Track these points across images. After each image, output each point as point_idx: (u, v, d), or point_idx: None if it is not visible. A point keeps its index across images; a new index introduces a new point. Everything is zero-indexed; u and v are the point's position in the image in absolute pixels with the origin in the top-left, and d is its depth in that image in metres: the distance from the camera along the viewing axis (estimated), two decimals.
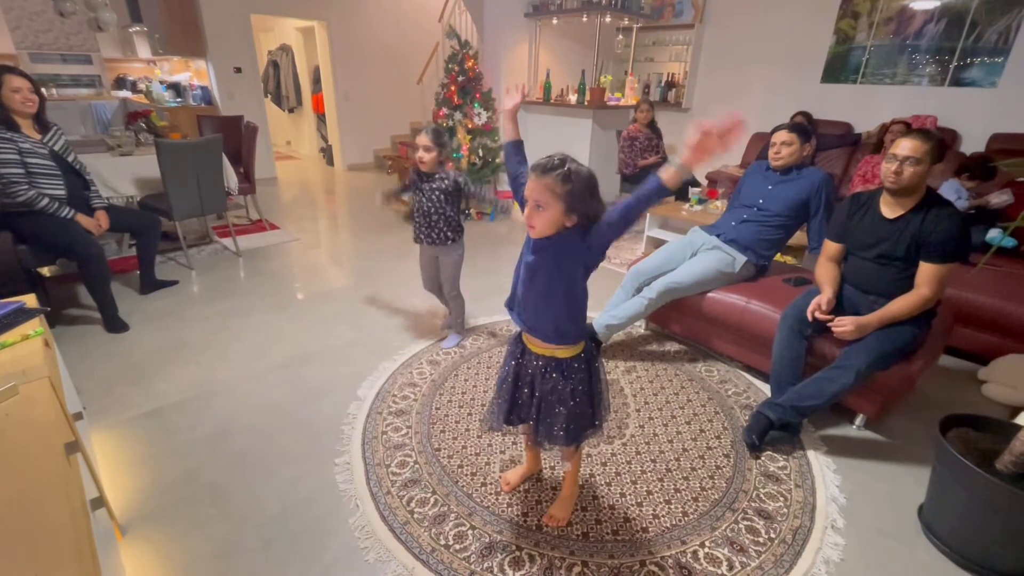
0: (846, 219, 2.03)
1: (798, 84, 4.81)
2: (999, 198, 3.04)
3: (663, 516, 1.63)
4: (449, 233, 2.31)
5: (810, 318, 1.96)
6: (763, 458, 1.90)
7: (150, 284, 3.08)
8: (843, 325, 1.89)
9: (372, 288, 3.27)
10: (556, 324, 1.31)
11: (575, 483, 1.63)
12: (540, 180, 1.14)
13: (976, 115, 3.92)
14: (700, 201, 3.75)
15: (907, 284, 1.86)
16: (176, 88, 6.18)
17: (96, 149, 3.56)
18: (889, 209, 1.89)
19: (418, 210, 2.29)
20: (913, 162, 1.75)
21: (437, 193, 2.22)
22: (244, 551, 1.47)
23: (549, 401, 1.36)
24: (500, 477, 1.75)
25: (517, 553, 1.48)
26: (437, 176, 2.21)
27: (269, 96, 7.68)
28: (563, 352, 1.33)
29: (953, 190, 3.05)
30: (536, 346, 1.36)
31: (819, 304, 1.95)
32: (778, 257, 2.95)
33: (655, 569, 1.45)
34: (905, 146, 1.77)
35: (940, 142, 1.77)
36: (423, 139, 2.14)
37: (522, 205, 1.25)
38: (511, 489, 1.70)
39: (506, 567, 1.44)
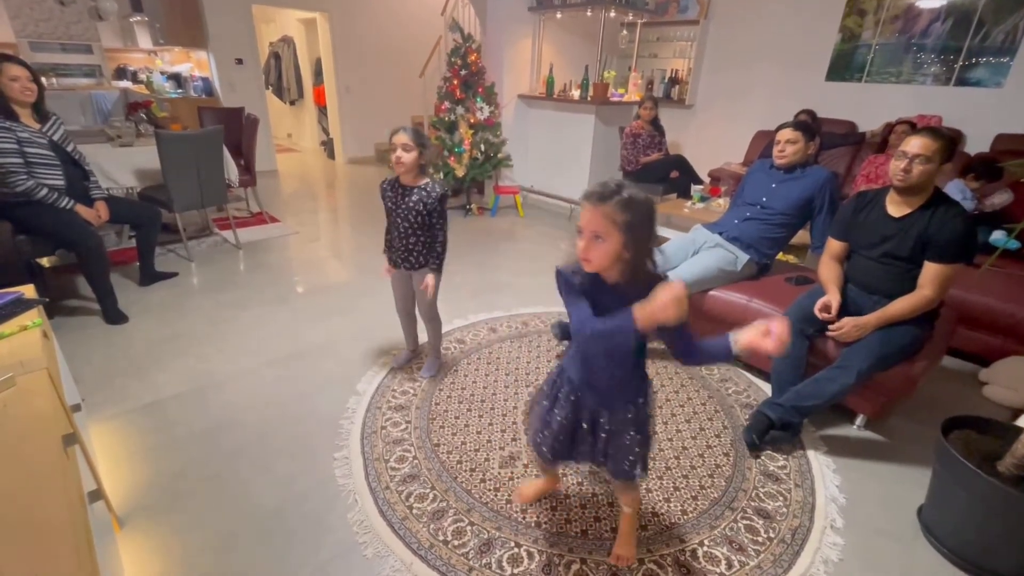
0: (851, 217, 2.01)
1: (803, 82, 4.78)
2: (1000, 197, 3.03)
3: (662, 514, 1.62)
4: (422, 260, 1.99)
5: (818, 314, 1.95)
6: (763, 457, 1.89)
7: (150, 276, 3.07)
8: (840, 327, 1.88)
9: (372, 282, 3.26)
10: (623, 380, 1.22)
11: (635, 520, 1.50)
12: (598, 209, 1.03)
13: (981, 115, 3.90)
14: (703, 199, 3.73)
15: (911, 284, 1.85)
16: (177, 79, 6.14)
17: (96, 139, 3.54)
18: (895, 208, 1.88)
19: (392, 228, 1.99)
20: (923, 160, 1.73)
21: (414, 213, 1.90)
22: (242, 544, 1.47)
23: (619, 432, 1.26)
24: (514, 490, 1.68)
25: (516, 550, 1.48)
26: (416, 189, 1.89)
27: (270, 88, 7.64)
28: None
29: (958, 190, 3.04)
30: None
31: (826, 305, 1.94)
32: (780, 256, 2.93)
33: (654, 567, 1.45)
34: (915, 144, 1.75)
35: (950, 141, 1.75)
36: (401, 137, 1.80)
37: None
38: (525, 502, 1.63)
39: (504, 564, 1.44)
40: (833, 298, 1.95)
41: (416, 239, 1.96)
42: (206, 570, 1.40)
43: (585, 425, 1.28)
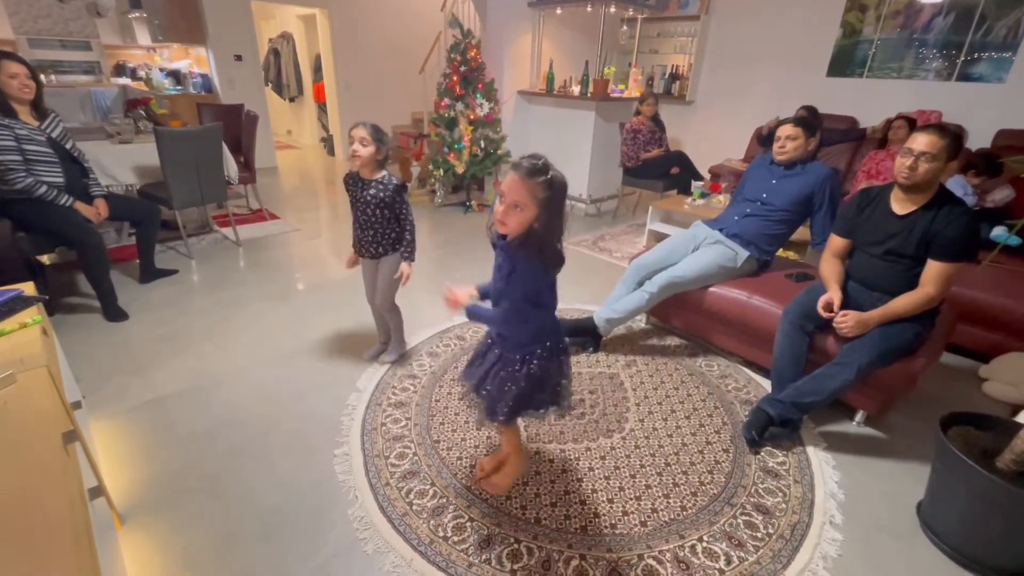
0: (855, 214, 2.00)
1: (804, 78, 4.76)
2: (1000, 193, 3.03)
3: (661, 510, 1.63)
4: (384, 248, 2.04)
5: (821, 312, 1.95)
6: (762, 453, 1.89)
7: (150, 273, 3.07)
8: (844, 321, 1.88)
9: None
10: (510, 330, 1.36)
11: (517, 456, 1.64)
12: (524, 182, 1.13)
13: (983, 111, 3.89)
14: (703, 195, 3.73)
15: (913, 282, 1.84)
16: (176, 76, 6.13)
17: (95, 137, 3.53)
18: (900, 205, 1.87)
19: (354, 220, 2.04)
20: (928, 158, 1.72)
21: (372, 206, 1.94)
22: (243, 541, 1.48)
23: (502, 378, 1.38)
24: (477, 462, 1.77)
25: (515, 546, 1.48)
26: (374, 182, 1.93)
27: (270, 85, 7.62)
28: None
29: (959, 186, 3.03)
30: None
31: (829, 302, 1.94)
32: (780, 252, 2.93)
33: (653, 563, 1.45)
34: (921, 141, 1.73)
35: (956, 138, 1.73)
36: (359, 131, 1.84)
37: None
38: (485, 475, 1.70)
39: (504, 560, 1.44)
40: (835, 295, 1.95)
41: (375, 231, 2.01)
42: (208, 566, 1.40)
43: (481, 361, 1.46)
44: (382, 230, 2.02)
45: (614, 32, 5.43)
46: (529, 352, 1.35)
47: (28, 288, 1.48)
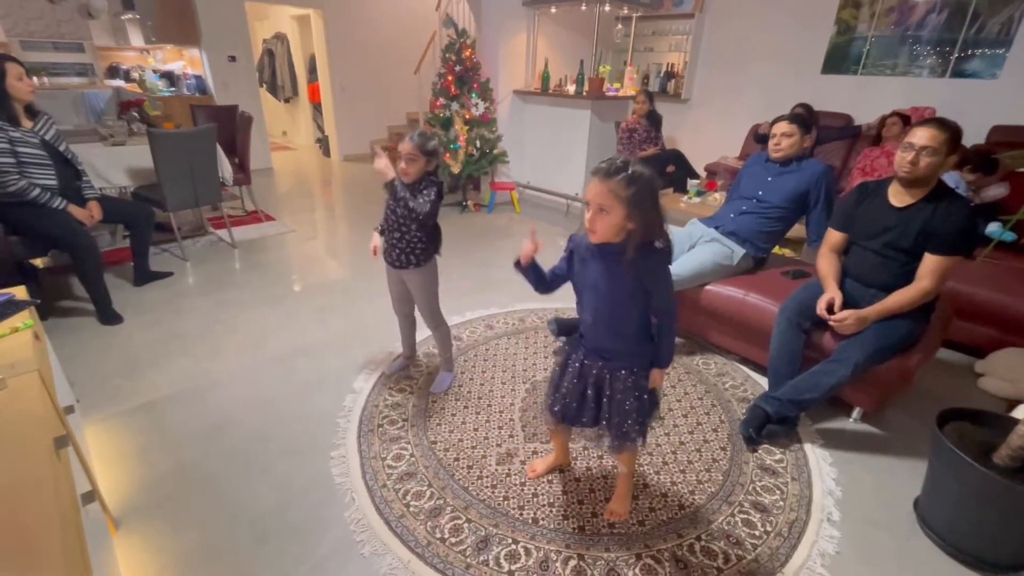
0: (853, 207, 1.99)
1: (799, 75, 4.76)
2: (995, 190, 3.03)
3: (659, 509, 1.63)
4: (412, 257, 1.92)
5: (822, 314, 1.94)
6: (760, 451, 1.89)
7: (144, 276, 3.05)
8: (842, 319, 1.88)
9: (368, 280, 3.25)
10: (628, 347, 1.31)
11: (631, 478, 1.60)
12: (604, 184, 1.12)
13: (977, 107, 3.89)
14: (699, 193, 3.72)
15: (909, 278, 1.84)
16: (170, 77, 6.10)
17: (89, 139, 3.51)
18: (897, 198, 1.87)
19: (386, 220, 1.92)
20: (930, 152, 1.72)
21: (401, 206, 1.82)
22: (239, 544, 1.47)
23: (619, 400, 1.33)
24: (526, 464, 1.77)
25: (513, 546, 1.48)
26: (413, 186, 1.84)
27: (264, 86, 7.59)
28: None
29: (952, 182, 3.04)
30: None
31: (830, 303, 1.93)
32: (776, 250, 2.93)
33: (651, 562, 1.45)
34: (922, 135, 1.73)
35: (956, 132, 1.73)
36: (406, 146, 1.78)
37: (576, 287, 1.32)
38: (535, 476, 1.72)
39: (502, 560, 1.44)
40: (836, 295, 1.94)
41: (401, 234, 1.89)
42: (204, 569, 1.40)
43: (590, 392, 1.37)
44: (410, 234, 1.89)
45: (609, 30, 5.43)
46: (632, 365, 1.33)
47: (20, 292, 1.47)
